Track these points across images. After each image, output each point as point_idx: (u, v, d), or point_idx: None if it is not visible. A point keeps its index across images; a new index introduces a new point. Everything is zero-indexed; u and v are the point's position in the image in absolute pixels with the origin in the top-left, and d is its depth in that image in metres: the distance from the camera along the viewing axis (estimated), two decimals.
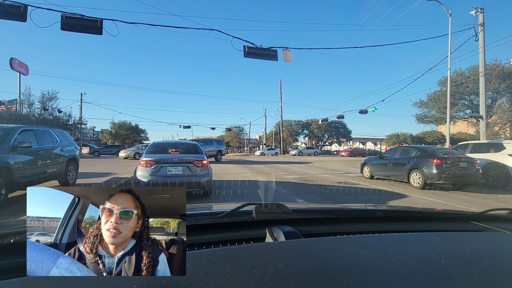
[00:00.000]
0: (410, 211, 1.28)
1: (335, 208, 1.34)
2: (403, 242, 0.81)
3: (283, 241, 0.79)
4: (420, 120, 33.12)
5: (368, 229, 1.01)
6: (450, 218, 1.26)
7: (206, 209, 1.31)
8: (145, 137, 49.73)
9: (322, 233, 0.93)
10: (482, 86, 15.02)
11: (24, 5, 7.91)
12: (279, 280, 0.53)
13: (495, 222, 1.10)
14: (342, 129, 53.99)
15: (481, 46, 14.55)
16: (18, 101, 31.41)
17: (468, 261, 0.66)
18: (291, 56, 11.11)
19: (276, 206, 0.95)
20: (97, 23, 8.59)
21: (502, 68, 24.77)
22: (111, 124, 45.68)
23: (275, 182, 9.12)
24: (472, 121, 29.08)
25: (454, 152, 8.55)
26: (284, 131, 48.20)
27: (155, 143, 6.61)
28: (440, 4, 14.35)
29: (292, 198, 6.33)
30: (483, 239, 0.90)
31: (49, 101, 32.38)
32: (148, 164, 5.43)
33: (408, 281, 0.55)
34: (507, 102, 24.42)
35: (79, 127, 38.19)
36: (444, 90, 26.91)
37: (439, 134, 42.25)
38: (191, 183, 5.38)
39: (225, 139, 59.41)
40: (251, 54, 10.66)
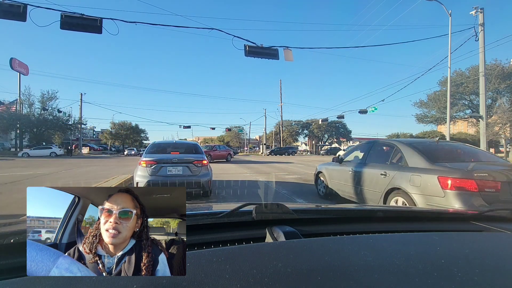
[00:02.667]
0: (410, 211, 1.28)
1: (335, 208, 1.34)
2: (403, 242, 0.81)
3: (283, 241, 0.79)
4: (420, 120, 33.15)
5: (368, 229, 1.01)
6: (450, 218, 1.26)
7: (206, 209, 1.31)
8: (145, 137, 49.79)
9: (322, 233, 0.93)
10: (482, 86, 15.03)
11: (23, 4, 7.91)
12: (279, 280, 0.53)
13: (495, 222, 1.10)
14: (342, 129, 54.06)
15: (481, 46, 14.56)
16: (18, 101, 31.44)
17: (468, 261, 0.66)
18: (292, 55, 11.11)
19: (276, 206, 0.95)
20: (97, 22, 8.59)
21: (502, 68, 24.78)
22: (111, 124, 45.78)
23: (275, 182, 9.13)
24: (472, 121, 29.10)
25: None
26: (284, 131, 48.24)
27: (155, 143, 6.62)
28: (440, 4, 14.36)
29: (292, 198, 6.33)
30: (483, 239, 0.90)
31: (49, 101, 32.45)
32: (148, 164, 5.43)
33: (408, 281, 0.55)
34: (507, 102, 24.42)
35: (79, 127, 38.22)
36: (444, 90, 26.92)
37: (439, 134, 42.24)
38: (191, 183, 5.38)
39: (225, 139, 59.58)
40: (252, 53, 10.66)
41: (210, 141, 66.68)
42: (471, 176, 3.12)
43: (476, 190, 3.06)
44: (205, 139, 68.80)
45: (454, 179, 3.16)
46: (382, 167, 4.25)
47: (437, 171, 3.39)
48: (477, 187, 3.05)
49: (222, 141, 61.24)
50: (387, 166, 4.18)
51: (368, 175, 4.49)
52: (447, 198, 3.17)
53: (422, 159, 3.72)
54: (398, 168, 3.94)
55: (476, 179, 3.08)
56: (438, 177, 3.28)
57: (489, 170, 3.29)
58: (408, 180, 3.65)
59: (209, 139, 67.83)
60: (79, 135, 41.98)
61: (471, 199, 3.06)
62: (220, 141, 61.92)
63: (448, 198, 3.16)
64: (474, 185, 3.07)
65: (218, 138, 63.04)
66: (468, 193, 3.09)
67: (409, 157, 3.91)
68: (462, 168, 3.37)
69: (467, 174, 3.17)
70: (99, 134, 62.04)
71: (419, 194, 3.48)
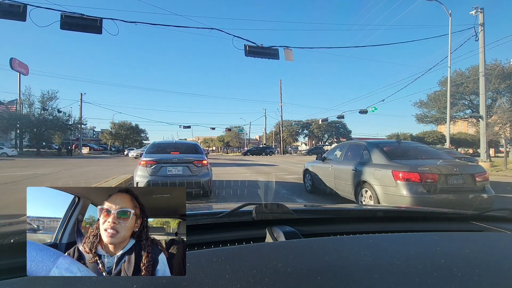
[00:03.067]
0: (410, 211, 1.28)
1: (335, 208, 1.34)
2: (403, 242, 0.81)
3: (283, 241, 0.79)
4: (420, 120, 33.11)
5: (368, 229, 1.01)
6: (450, 218, 1.26)
7: (206, 209, 1.31)
8: (145, 137, 49.75)
9: (322, 233, 0.93)
10: (482, 86, 15.03)
11: (23, 4, 7.92)
12: (279, 280, 0.53)
13: (495, 222, 1.10)
14: (342, 129, 54.02)
15: (481, 46, 14.56)
16: (18, 101, 31.44)
17: (468, 261, 0.66)
18: (293, 54, 11.11)
19: (276, 206, 0.95)
20: (97, 22, 8.59)
21: (502, 68, 24.74)
22: (111, 124, 45.72)
23: (275, 182, 9.13)
24: (472, 121, 29.07)
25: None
26: (284, 131, 48.22)
27: (155, 143, 6.61)
28: (440, 4, 14.36)
29: (292, 198, 6.33)
30: (483, 239, 0.90)
31: (49, 101, 32.42)
32: (148, 164, 5.43)
33: (408, 281, 0.55)
34: (507, 102, 24.39)
35: (79, 127, 38.20)
36: (444, 90, 26.89)
37: (439, 134, 42.25)
38: (191, 183, 5.38)
39: (225, 139, 59.53)
40: (252, 53, 10.66)
41: (210, 141, 66.65)
42: (415, 170, 3.95)
43: (419, 181, 3.89)
44: (205, 139, 68.71)
45: (403, 173, 3.98)
46: (354, 164, 5.03)
47: (392, 166, 4.21)
48: (420, 179, 3.88)
49: (222, 141, 61.22)
50: (357, 163, 4.96)
51: (344, 170, 5.27)
52: (397, 187, 3.98)
53: (383, 157, 4.54)
54: (365, 165, 4.73)
55: (419, 172, 3.91)
56: (392, 171, 4.09)
57: (430, 166, 4.10)
58: (372, 174, 4.45)
59: (209, 139, 67.75)
60: (79, 135, 41.98)
61: (415, 187, 3.88)
62: (220, 141, 61.89)
63: (399, 188, 3.97)
64: (418, 177, 3.89)
65: (218, 138, 62.96)
66: (413, 183, 3.90)
67: (373, 155, 4.72)
68: (410, 164, 4.19)
69: (412, 168, 3.99)
70: (99, 134, 62.05)
71: (379, 185, 4.26)
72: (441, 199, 3.87)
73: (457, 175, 4.05)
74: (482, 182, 4.16)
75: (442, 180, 3.93)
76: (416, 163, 4.27)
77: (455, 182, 4.02)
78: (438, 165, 4.16)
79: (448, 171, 4.02)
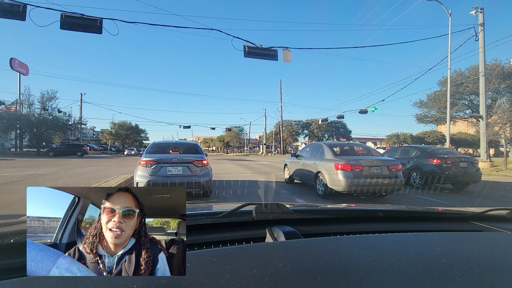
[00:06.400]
0: (410, 211, 1.28)
1: (335, 208, 1.34)
2: (403, 242, 0.81)
3: (283, 241, 0.79)
4: (420, 120, 33.09)
5: (368, 229, 1.01)
6: (450, 218, 1.26)
7: (206, 209, 1.31)
8: (145, 137, 49.73)
9: (322, 233, 0.93)
10: (482, 86, 15.03)
11: (23, 4, 7.92)
12: (279, 280, 0.53)
13: (495, 222, 1.10)
14: (342, 129, 53.97)
15: (481, 46, 14.56)
16: (18, 101, 31.40)
17: (468, 261, 0.66)
18: (291, 56, 11.12)
19: (276, 206, 0.95)
20: (97, 22, 8.59)
21: (502, 68, 24.72)
22: (111, 124, 45.67)
23: (275, 182, 9.12)
24: (472, 121, 29.05)
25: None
26: (284, 131, 48.19)
27: (155, 143, 6.61)
28: (440, 4, 14.35)
29: (292, 198, 6.33)
30: (483, 239, 0.90)
31: (49, 101, 32.38)
32: (148, 164, 5.42)
33: (408, 281, 0.55)
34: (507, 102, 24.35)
35: (79, 127, 38.19)
36: (444, 90, 26.89)
37: (439, 134, 42.24)
38: (191, 183, 5.37)
39: (225, 139, 59.50)
40: (251, 54, 10.67)
41: (210, 141, 66.58)
42: (348, 162, 5.77)
43: (350, 170, 5.68)
44: (205, 139, 68.64)
45: (341, 164, 5.76)
46: (314, 159, 6.92)
47: (335, 160, 6.00)
48: (350, 168, 5.68)
49: (222, 141, 61.16)
50: (316, 158, 6.86)
51: (308, 164, 7.20)
52: (337, 174, 5.72)
53: (331, 154, 6.43)
54: (320, 160, 6.62)
55: (350, 164, 5.74)
56: (334, 164, 5.88)
57: (358, 159, 5.92)
58: (323, 166, 6.27)
59: (209, 139, 67.68)
60: (79, 135, 41.96)
61: (347, 174, 5.63)
62: (220, 141, 61.84)
63: (338, 175, 5.70)
64: (349, 167, 5.71)
65: (218, 138, 62.90)
66: (346, 172, 5.66)
67: (326, 153, 6.62)
68: (346, 158, 5.95)
69: (346, 161, 5.80)
70: (99, 134, 61.96)
71: (327, 173, 6.02)
72: (365, 182, 5.56)
73: (377, 166, 5.86)
74: (395, 171, 5.92)
75: (366, 169, 5.72)
76: (351, 158, 6.03)
77: (375, 172, 5.81)
78: (365, 159, 5.97)
79: (370, 164, 5.82)
